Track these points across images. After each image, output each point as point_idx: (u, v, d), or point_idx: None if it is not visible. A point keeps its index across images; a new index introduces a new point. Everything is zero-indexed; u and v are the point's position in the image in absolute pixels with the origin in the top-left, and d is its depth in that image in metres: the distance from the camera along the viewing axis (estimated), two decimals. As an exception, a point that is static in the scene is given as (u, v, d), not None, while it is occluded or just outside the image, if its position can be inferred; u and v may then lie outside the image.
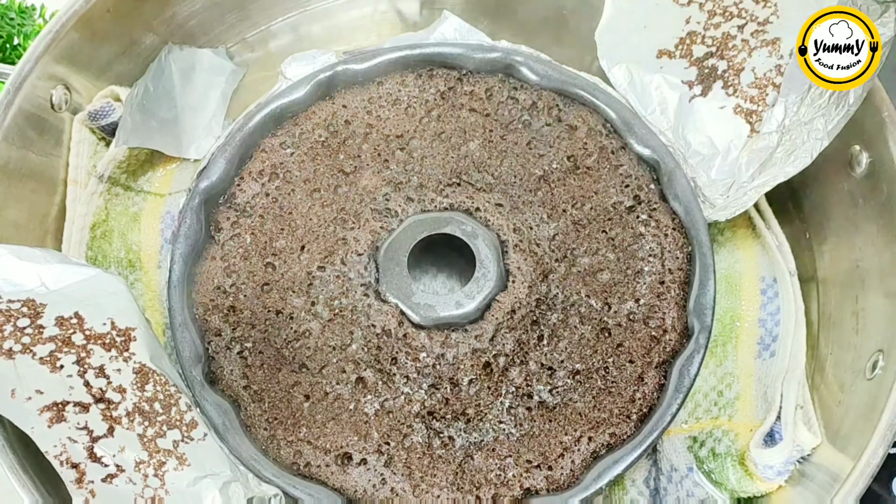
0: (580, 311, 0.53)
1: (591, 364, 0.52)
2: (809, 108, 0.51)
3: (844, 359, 0.54)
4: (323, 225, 0.54)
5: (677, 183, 0.54)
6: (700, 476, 0.53)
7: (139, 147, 0.56)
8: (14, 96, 0.52)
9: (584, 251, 0.54)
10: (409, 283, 0.52)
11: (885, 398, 0.48)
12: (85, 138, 0.57)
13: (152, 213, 0.58)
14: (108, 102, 0.57)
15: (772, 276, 0.56)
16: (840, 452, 0.50)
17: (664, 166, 0.54)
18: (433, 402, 0.51)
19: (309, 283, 0.53)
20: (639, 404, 0.51)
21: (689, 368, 0.51)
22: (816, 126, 0.51)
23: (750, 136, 0.54)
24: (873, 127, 0.51)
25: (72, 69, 0.56)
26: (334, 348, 0.52)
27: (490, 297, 0.52)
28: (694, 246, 0.53)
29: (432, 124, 0.56)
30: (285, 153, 0.56)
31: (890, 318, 0.50)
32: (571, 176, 0.55)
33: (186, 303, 0.52)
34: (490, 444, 0.50)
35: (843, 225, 0.56)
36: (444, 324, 0.52)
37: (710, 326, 0.52)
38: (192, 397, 0.50)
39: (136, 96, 0.57)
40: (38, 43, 0.53)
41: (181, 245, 0.53)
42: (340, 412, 0.51)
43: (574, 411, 0.51)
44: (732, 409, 0.55)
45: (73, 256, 0.55)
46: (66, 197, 0.57)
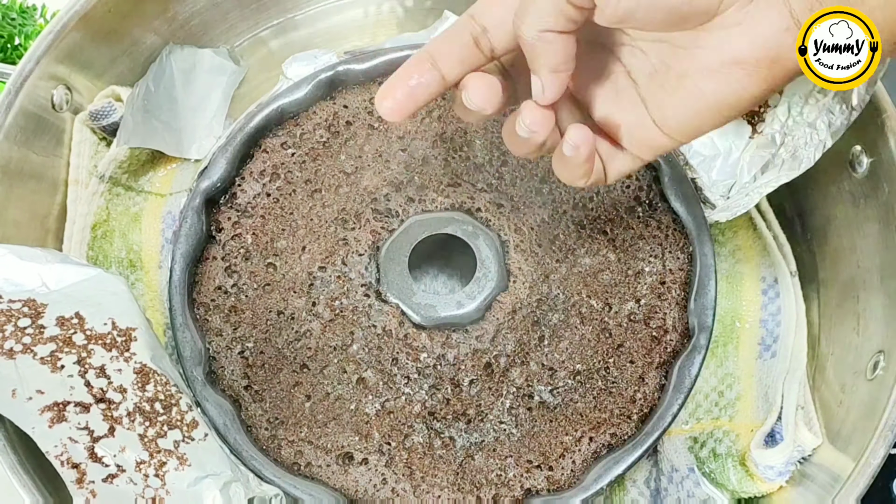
0: (581, 311, 0.53)
1: (591, 364, 0.52)
2: (813, 108, 0.51)
3: (845, 359, 0.54)
4: (324, 225, 0.54)
5: (678, 184, 0.54)
6: (700, 477, 0.53)
7: (140, 147, 0.56)
8: (15, 96, 0.52)
9: (585, 252, 0.54)
10: (409, 284, 0.52)
11: (885, 399, 0.48)
12: (86, 138, 0.57)
13: (153, 213, 0.58)
14: (109, 102, 0.57)
15: (773, 277, 0.56)
16: (841, 453, 0.50)
17: (665, 167, 0.54)
18: (434, 402, 0.51)
19: (310, 283, 0.53)
20: (640, 404, 0.51)
21: (690, 369, 0.51)
22: (819, 127, 0.51)
23: (752, 137, 0.54)
24: (874, 128, 0.51)
25: (73, 69, 0.56)
26: (335, 349, 0.52)
27: (491, 297, 0.52)
28: (695, 246, 0.53)
29: (433, 125, 0.56)
30: (286, 153, 0.56)
31: (890, 319, 0.50)
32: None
33: (187, 303, 0.52)
34: (491, 445, 0.50)
35: (843, 225, 0.56)
36: (445, 324, 0.52)
37: (710, 327, 0.52)
38: (193, 397, 0.50)
39: (137, 96, 0.57)
40: (38, 43, 0.53)
41: (182, 245, 0.53)
42: (342, 412, 0.51)
43: (575, 411, 0.51)
44: (733, 409, 0.55)
45: (74, 256, 0.55)
46: (67, 197, 0.57)
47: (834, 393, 0.53)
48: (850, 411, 0.51)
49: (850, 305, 0.54)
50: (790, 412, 0.52)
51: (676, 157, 0.55)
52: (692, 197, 0.54)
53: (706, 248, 0.53)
